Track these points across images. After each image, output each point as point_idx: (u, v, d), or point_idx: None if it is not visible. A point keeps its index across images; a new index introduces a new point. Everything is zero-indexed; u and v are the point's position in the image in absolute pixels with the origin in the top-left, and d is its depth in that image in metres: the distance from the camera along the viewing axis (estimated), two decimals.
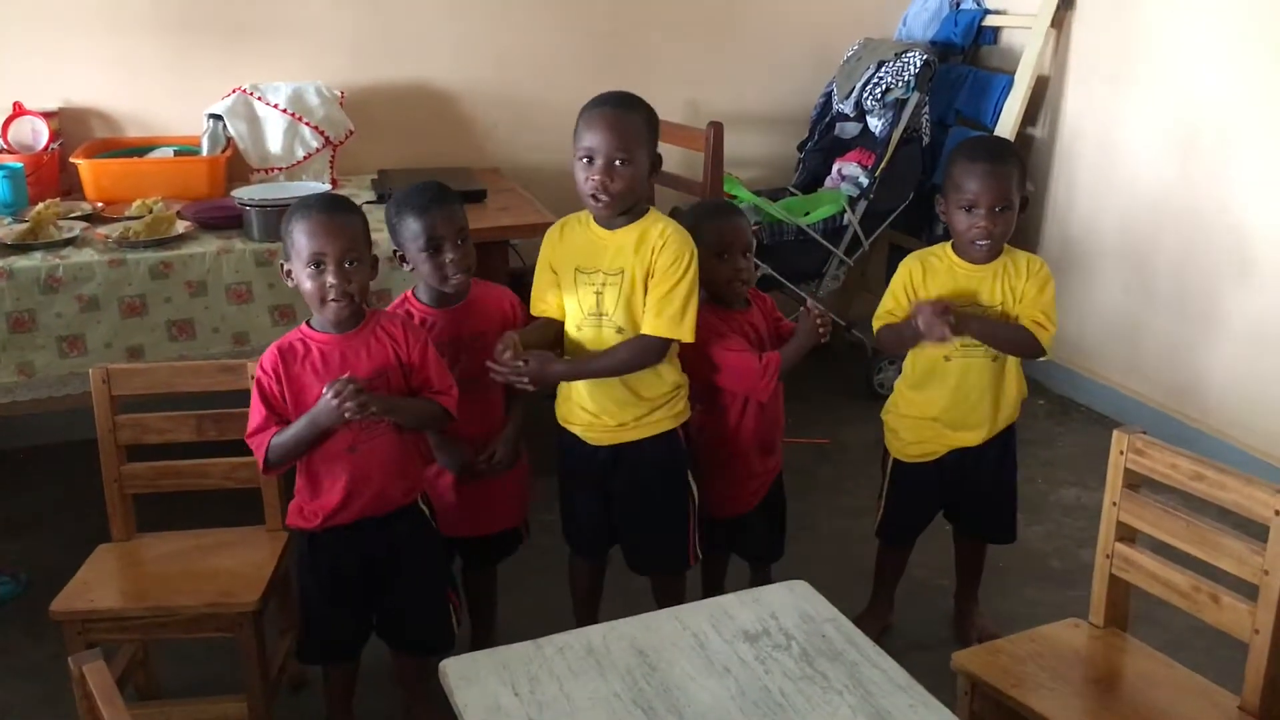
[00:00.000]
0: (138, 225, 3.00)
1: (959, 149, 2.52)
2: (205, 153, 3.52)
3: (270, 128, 3.56)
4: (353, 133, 3.69)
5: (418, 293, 2.45)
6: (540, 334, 2.37)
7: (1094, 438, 3.84)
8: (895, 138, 4.08)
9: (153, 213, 3.08)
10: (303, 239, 2.09)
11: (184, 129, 3.68)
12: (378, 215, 3.25)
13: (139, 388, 2.43)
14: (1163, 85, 3.82)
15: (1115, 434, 2.06)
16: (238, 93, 3.58)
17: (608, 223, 2.32)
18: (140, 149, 3.58)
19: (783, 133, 4.52)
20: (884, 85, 4.09)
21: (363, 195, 3.52)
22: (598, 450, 2.43)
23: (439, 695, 1.69)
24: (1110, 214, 4.08)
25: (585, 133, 2.26)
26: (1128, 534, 2.08)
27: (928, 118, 4.19)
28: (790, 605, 1.84)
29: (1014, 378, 2.57)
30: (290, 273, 2.15)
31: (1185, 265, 3.78)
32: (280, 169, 3.57)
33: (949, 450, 2.58)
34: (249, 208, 3.04)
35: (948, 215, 2.49)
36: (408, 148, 4.00)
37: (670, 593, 2.53)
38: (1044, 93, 4.28)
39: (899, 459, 2.66)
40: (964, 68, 4.43)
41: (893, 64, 4.09)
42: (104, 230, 3.03)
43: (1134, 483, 2.05)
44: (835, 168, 4.26)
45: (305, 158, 3.59)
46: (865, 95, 4.14)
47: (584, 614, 2.65)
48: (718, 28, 4.36)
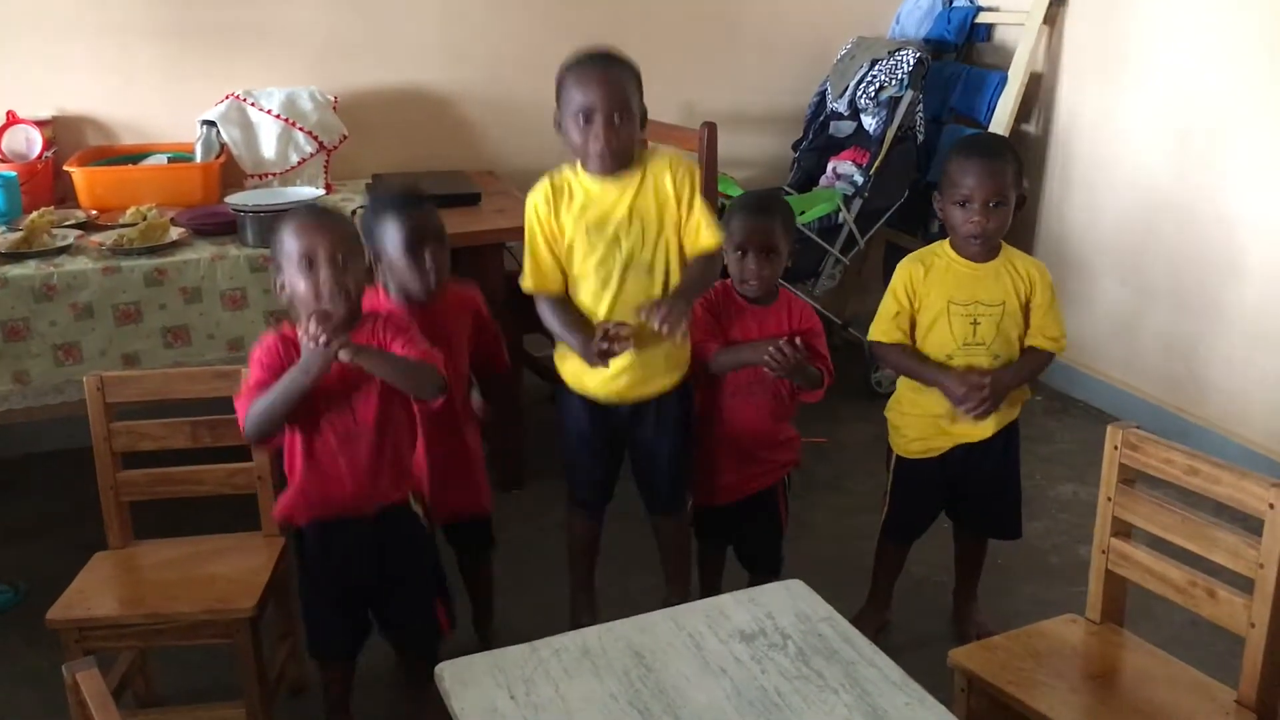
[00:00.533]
0: (132, 232, 3.00)
1: (955, 145, 2.53)
2: (199, 159, 3.52)
3: (264, 133, 3.56)
4: (346, 137, 3.69)
5: (387, 291, 2.43)
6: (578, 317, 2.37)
7: (1091, 433, 3.84)
8: (890, 136, 4.08)
9: (147, 220, 3.08)
10: (292, 241, 2.07)
11: (177, 136, 3.68)
12: None
13: (134, 395, 2.43)
14: (1156, 80, 3.83)
15: (1109, 429, 2.06)
16: (231, 99, 3.58)
17: (608, 174, 2.30)
18: (134, 156, 3.58)
19: (777, 132, 4.53)
20: (878, 83, 4.09)
21: (357, 199, 3.52)
22: (618, 409, 2.44)
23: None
24: (1105, 209, 4.08)
25: (578, 92, 2.25)
26: (1123, 529, 2.08)
27: (922, 115, 4.20)
28: (786, 604, 1.84)
29: (1012, 380, 2.56)
30: (283, 286, 2.11)
31: (1181, 260, 3.78)
32: (274, 174, 3.56)
33: (953, 445, 2.58)
34: (243, 214, 3.04)
35: (944, 211, 2.50)
36: (402, 152, 4.00)
37: (681, 540, 2.58)
38: (1038, 89, 4.29)
39: (902, 455, 2.65)
40: (957, 65, 4.43)
41: (886, 62, 4.09)
42: (98, 238, 3.03)
43: (1129, 478, 2.06)
44: (830, 166, 4.27)
45: (299, 163, 3.59)
46: (859, 94, 4.15)
47: (583, 568, 2.66)
48: (711, 28, 4.36)
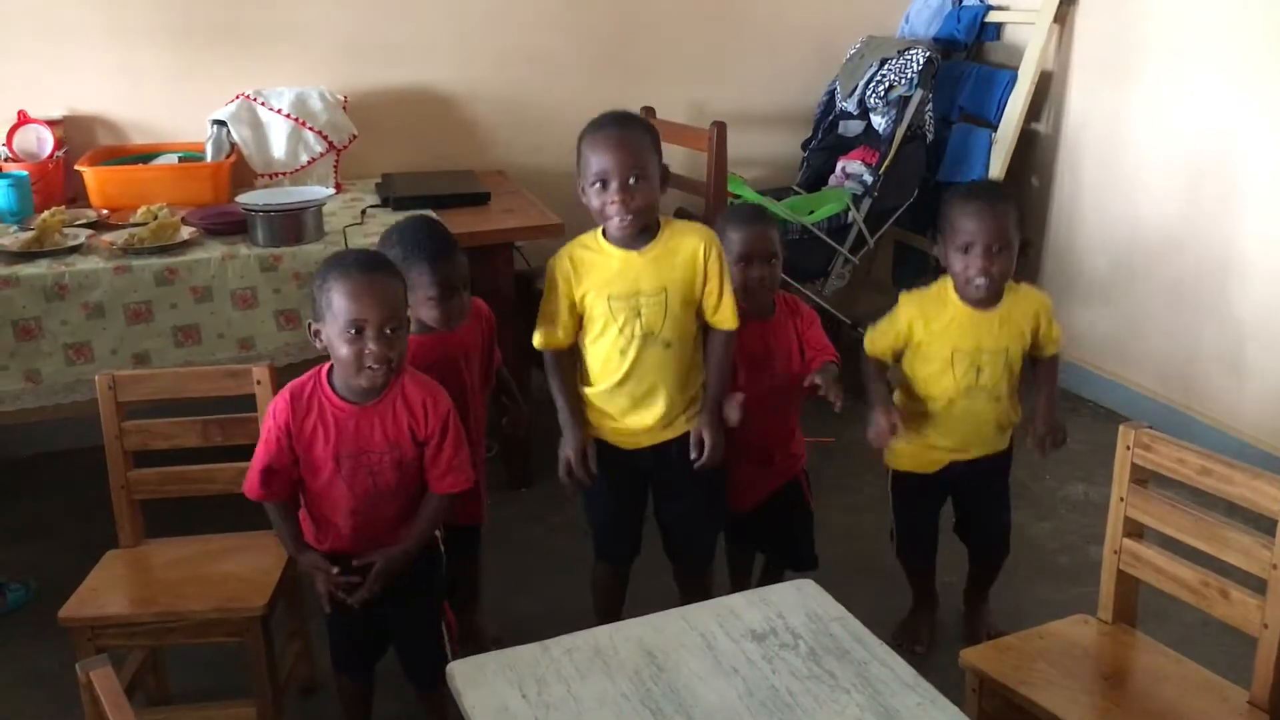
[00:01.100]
0: (143, 232, 3.01)
1: (953, 192, 2.50)
2: (209, 159, 3.53)
3: (274, 133, 3.57)
4: (356, 137, 3.69)
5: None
6: (574, 374, 2.42)
7: (1102, 433, 3.83)
8: (899, 135, 4.07)
9: (157, 219, 3.09)
10: (342, 301, 2.00)
11: (188, 135, 3.69)
12: (383, 219, 3.29)
13: (145, 394, 2.43)
14: (1166, 80, 3.81)
15: (1121, 429, 2.05)
16: (241, 98, 3.59)
17: (630, 244, 2.30)
18: (145, 156, 3.59)
19: (786, 131, 4.52)
20: (887, 83, 4.09)
21: (367, 199, 3.53)
22: (636, 453, 2.43)
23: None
24: (1116, 208, 4.07)
25: (593, 157, 2.25)
26: (1135, 530, 2.07)
27: (931, 115, 4.19)
28: (797, 604, 1.84)
29: (1011, 410, 2.58)
30: (319, 333, 2.07)
31: (1192, 259, 3.77)
32: (284, 174, 3.57)
33: (948, 462, 2.59)
34: (253, 213, 3.04)
35: (945, 260, 2.46)
36: (411, 151, 4.01)
37: (700, 593, 2.54)
38: (1048, 88, 4.28)
39: (897, 470, 2.67)
40: (967, 64, 4.43)
41: (896, 61, 4.08)
42: (109, 237, 3.04)
43: (1141, 478, 2.05)
44: (839, 166, 4.26)
45: (309, 162, 3.59)
46: (868, 93, 4.14)
47: (610, 617, 2.64)
48: (720, 28, 4.36)
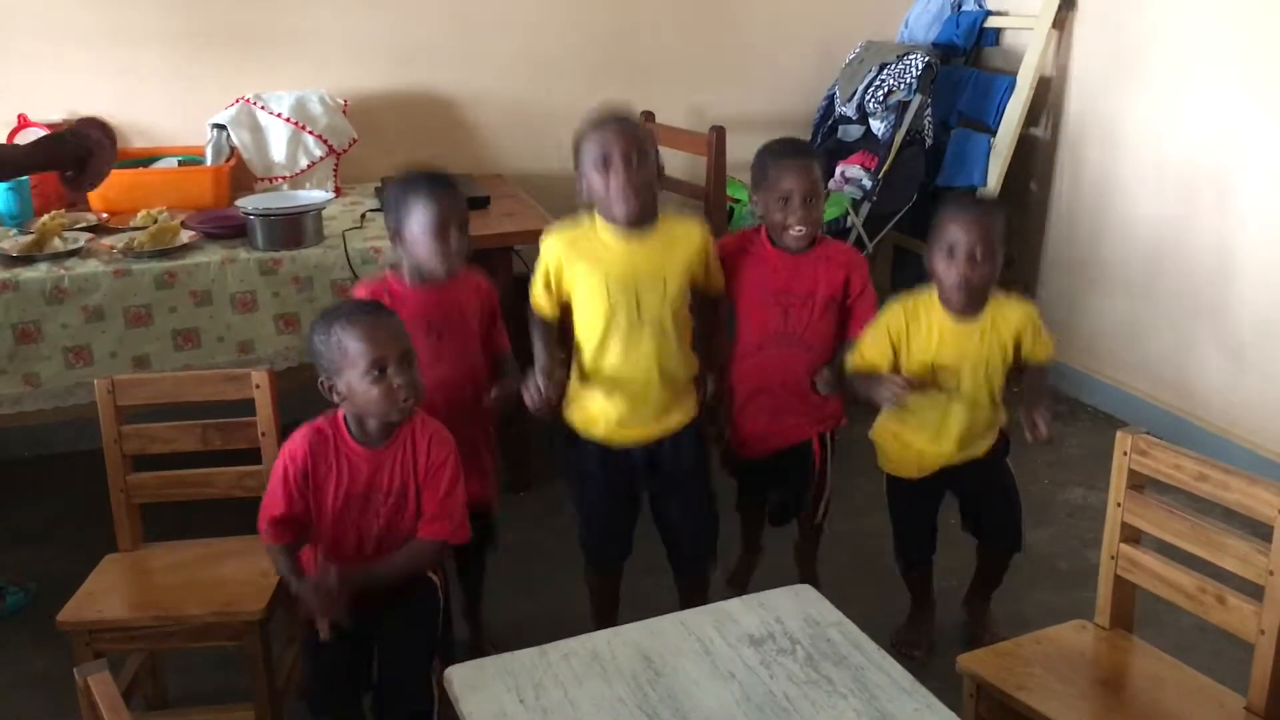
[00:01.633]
0: (142, 235, 3.01)
1: (944, 202, 2.52)
2: (209, 162, 3.54)
3: (274, 137, 3.57)
4: (356, 141, 3.70)
5: (399, 272, 2.45)
6: (558, 345, 2.44)
7: (1101, 438, 3.83)
8: (898, 140, 4.08)
9: (157, 223, 3.10)
10: (358, 346, 2.02)
11: (188, 139, 3.70)
12: (382, 223, 3.28)
13: (144, 398, 2.44)
14: (1165, 85, 3.82)
15: (1119, 435, 2.06)
16: (241, 102, 3.59)
17: (629, 230, 2.33)
18: (144, 159, 3.60)
19: (785, 136, 4.51)
20: (886, 87, 4.09)
21: (366, 203, 3.54)
22: (629, 454, 2.44)
23: None
24: (1114, 213, 4.07)
25: (595, 142, 2.30)
26: (1132, 535, 2.08)
27: (930, 120, 4.20)
28: (795, 609, 1.84)
29: (994, 413, 2.58)
30: (333, 387, 2.06)
31: (1191, 264, 3.78)
32: (284, 178, 3.58)
33: (938, 468, 2.59)
34: (253, 217, 3.05)
35: (931, 265, 2.47)
36: (411, 155, 3.95)
37: (699, 598, 2.56)
38: (1046, 93, 4.28)
39: (892, 475, 2.67)
40: (966, 69, 4.43)
41: (895, 66, 4.09)
42: (109, 241, 3.05)
43: (1138, 483, 2.05)
44: (838, 170, 4.27)
45: (309, 166, 3.60)
46: (867, 98, 4.15)
47: (606, 621, 2.65)
48: (720, 33, 4.36)
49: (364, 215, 3.38)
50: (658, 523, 2.57)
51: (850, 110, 4.25)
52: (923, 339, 2.48)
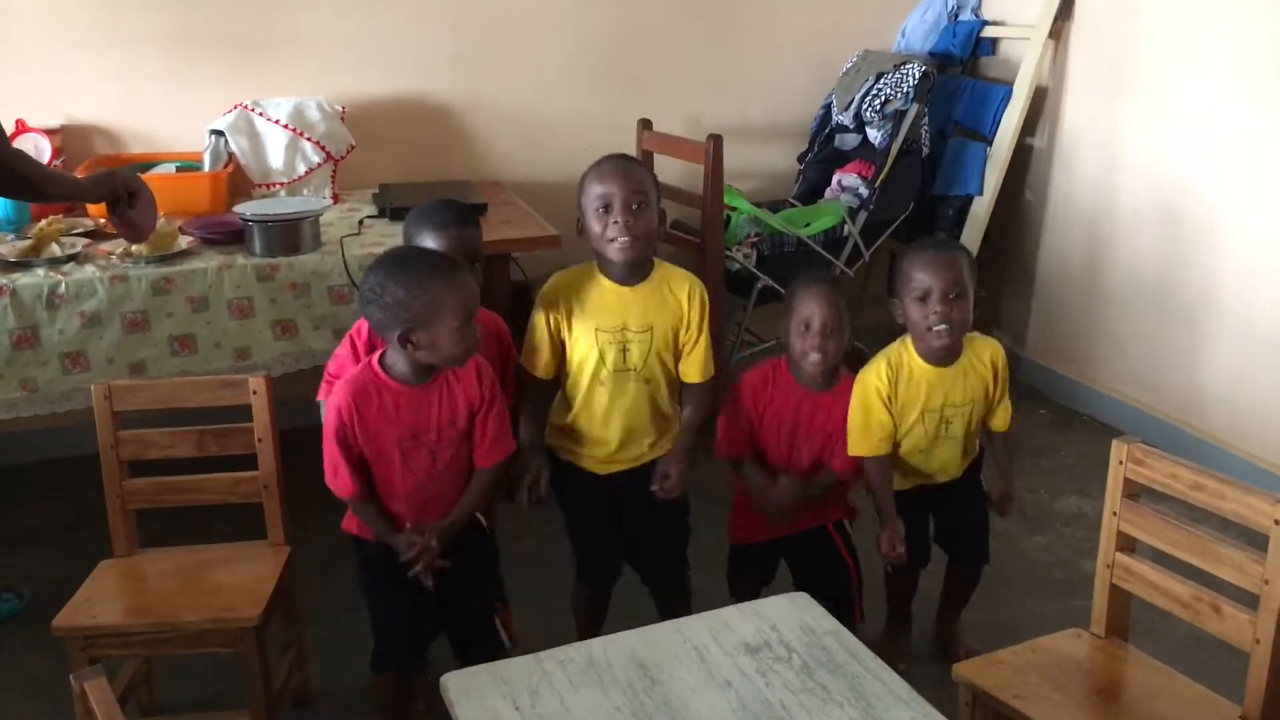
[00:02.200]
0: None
1: (906, 250, 2.53)
2: (207, 169, 3.54)
3: (272, 143, 3.58)
4: (354, 147, 3.70)
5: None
6: (549, 403, 2.48)
7: (1096, 447, 3.84)
8: (895, 149, 4.09)
9: (155, 229, 3.09)
10: (454, 300, 2.06)
11: (186, 145, 3.70)
12: (380, 230, 3.30)
13: (141, 403, 2.44)
14: (1161, 95, 3.83)
15: (1114, 444, 2.06)
16: (239, 109, 3.60)
17: (624, 278, 2.35)
18: (142, 165, 3.59)
19: (782, 144, 4.54)
20: (883, 96, 4.10)
21: (364, 209, 3.54)
22: (613, 478, 2.47)
23: None
24: (1110, 222, 4.08)
25: (597, 185, 2.31)
26: (1128, 544, 2.08)
27: (927, 129, 4.21)
28: (791, 617, 1.84)
29: (976, 438, 2.61)
30: (408, 337, 2.06)
31: (1186, 274, 3.79)
32: (282, 184, 3.58)
33: (917, 484, 2.61)
34: (251, 223, 3.05)
35: (904, 313, 2.46)
36: (409, 161, 4.02)
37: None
38: (1043, 103, 4.30)
39: None
40: (963, 78, 4.44)
41: (892, 75, 4.10)
42: (106, 246, 3.04)
43: (1134, 492, 2.06)
44: (835, 179, 4.28)
45: (306, 173, 3.60)
46: (864, 107, 4.16)
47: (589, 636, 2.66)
48: (717, 41, 4.37)
49: (361, 222, 3.38)
50: (629, 543, 2.56)
51: (847, 119, 4.26)
52: (909, 393, 2.48)
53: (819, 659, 1.73)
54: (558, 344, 2.40)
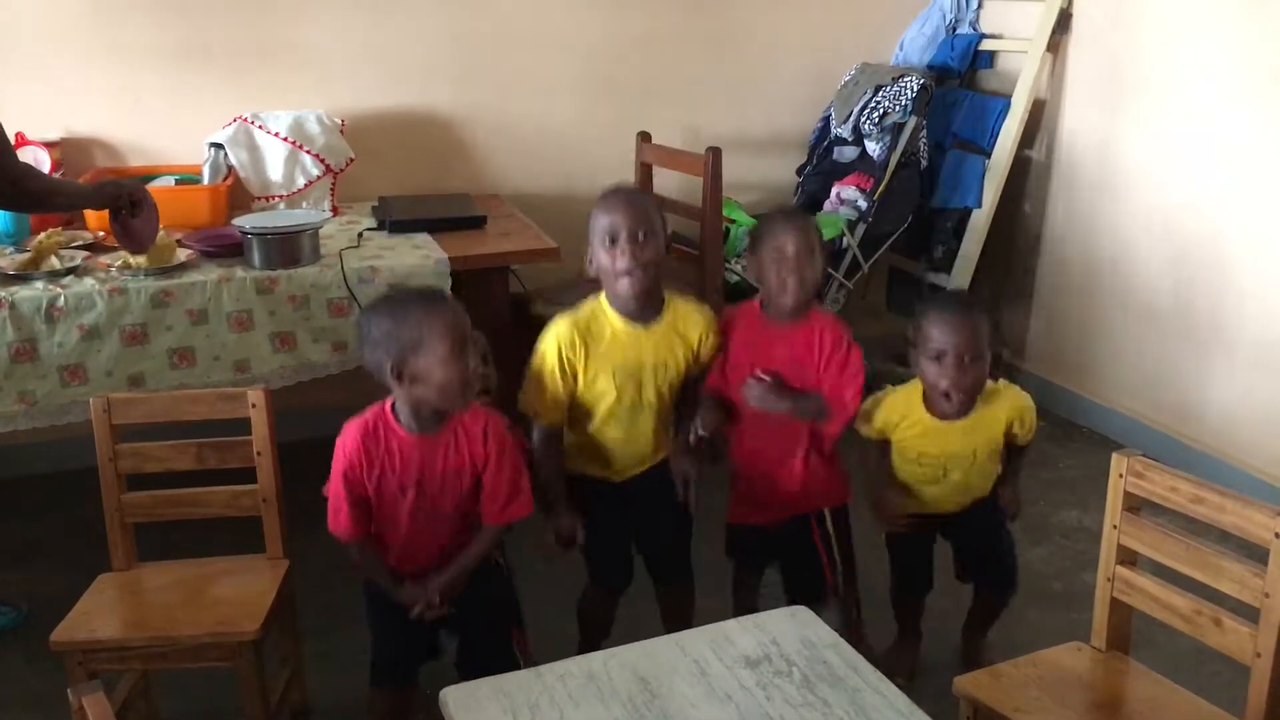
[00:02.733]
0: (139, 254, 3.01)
1: (928, 303, 2.53)
2: (206, 181, 3.54)
3: (271, 156, 3.58)
4: (353, 160, 3.71)
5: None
6: (561, 445, 2.48)
7: (1095, 459, 3.83)
8: (893, 161, 4.10)
9: (154, 241, 3.09)
10: (443, 327, 2.05)
11: (185, 158, 3.70)
12: (380, 242, 3.30)
13: (140, 417, 2.43)
14: (1159, 107, 3.84)
15: (1115, 457, 2.06)
16: (239, 121, 3.60)
17: (636, 316, 2.37)
18: (142, 178, 3.59)
19: (781, 157, 4.54)
20: (882, 109, 4.11)
21: (363, 222, 3.54)
22: (624, 484, 2.50)
23: None
24: (1109, 235, 4.08)
25: (603, 217, 2.32)
26: (1129, 557, 2.08)
27: (925, 141, 4.21)
28: (791, 631, 1.84)
29: (988, 475, 2.59)
30: (401, 369, 2.05)
31: (1183, 286, 3.79)
32: (281, 197, 3.58)
33: (931, 514, 2.61)
34: (250, 236, 3.05)
35: (918, 367, 2.47)
36: (408, 174, 4.02)
37: (685, 610, 2.60)
38: (1041, 115, 4.30)
39: None
40: (961, 91, 4.45)
41: (890, 88, 4.11)
42: (105, 259, 3.04)
43: (1134, 505, 2.05)
44: (834, 191, 4.28)
45: (306, 185, 3.60)
46: (863, 119, 4.17)
47: (595, 642, 2.66)
48: (716, 53, 4.38)
49: (360, 234, 3.38)
50: (637, 539, 2.58)
51: (846, 132, 4.27)
52: (908, 432, 2.51)
53: (819, 673, 1.72)
54: (571, 388, 2.40)
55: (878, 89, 4.14)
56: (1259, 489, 3.37)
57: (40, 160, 3.46)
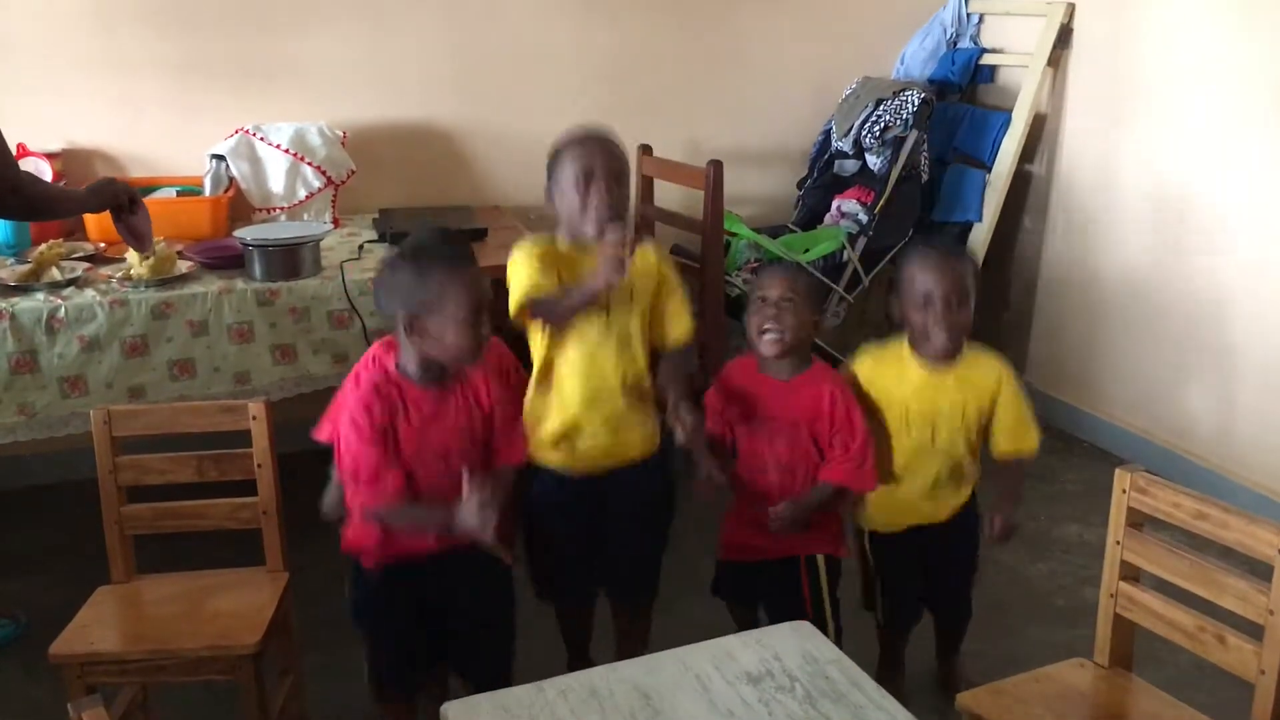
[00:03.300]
0: (140, 266, 3.01)
1: (910, 253, 2.48)
2: (208, 193, 3.54)
3: (272, 168, 3.58)
4: (354, 172, 3.71)
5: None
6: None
7: (1096, 474, 3.83)
8: (894, 175, 4.10)
9: (155, 253, 3.09)
10: (460, 292, 2.03)
11: (187, 169, 3.70)
12: (380, 255, 3.29)
13: (140, 429, 2.43)
14: (1159, 122, 3.85)
15: (1118, 472, 2.06)
16: (240, 133, 3.61)
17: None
18: (143, 189, 3.59)
19: (782, 170, 4.55)
20: (883, 123, 4.12)
21: (364, 234, 3.54)
22: (589, 483, 2.42)
23: None
24: (1109, 249, 4.09)
25: (577, 158, 2.30)
26: (1131, 573, 2.07)
27: (926, 155, 4.22)
28: (793, 646, 1.83)
29: (970, 467, 2.54)
30: (413, 324, 2.04)
31: (1186, 301, 3.79)
32: (282, 209, 3.58)
33: (914, 523, 2.55)
34: (251, 247, 3.05)
35: (903, 316, 2.43)
36: (409, 187, 4.02)
37: (642, 632, 2.57)
38: (1041, 130, 4.31)
39: (874, 530, 2.59)
40: (962, 106, 4.46)
41: (891, 102, 4.12)
42: (106, 270, 3.04)
43: (1137, 521, 2.05)
44: (834, 205, 4.28)
45: (307, 198, 3.60)
46: (864, 133, 4.17)
47: (578, 650, 2.66)
48: (718, 66, 4.39)
49: (361, 246, 3.38)
50: (608, 552, 2.50)
51: (847, 145, 4.27)
52: (895, 389, 2.45)
53: (822, 689, 1.72)
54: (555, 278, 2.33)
55: (879, 103, 4.15)
56: (1261, 504, 3.37)
57: (41, 171, 3.46)
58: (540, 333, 2.38)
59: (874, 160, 4.20)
